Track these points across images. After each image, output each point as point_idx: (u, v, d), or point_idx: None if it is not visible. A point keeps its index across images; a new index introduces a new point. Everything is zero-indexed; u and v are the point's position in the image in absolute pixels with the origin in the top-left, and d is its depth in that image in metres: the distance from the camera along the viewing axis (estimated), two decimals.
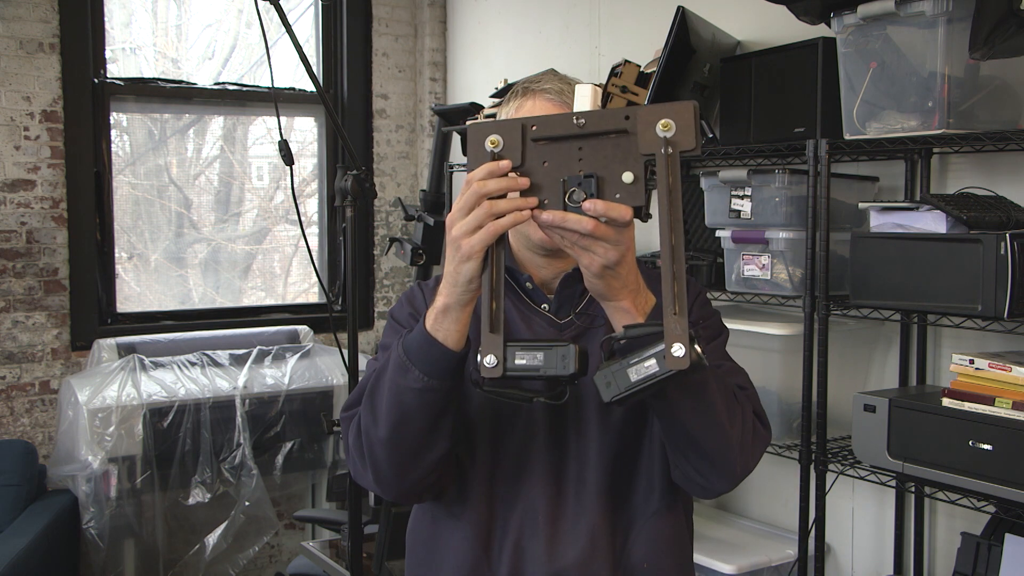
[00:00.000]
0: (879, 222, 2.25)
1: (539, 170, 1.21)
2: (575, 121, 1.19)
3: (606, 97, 2.95)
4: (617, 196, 1.17)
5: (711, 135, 2.80)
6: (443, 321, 1.28)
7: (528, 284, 1.50)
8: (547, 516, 1.41)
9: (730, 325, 1.60)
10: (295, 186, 3.27)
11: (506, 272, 1.50)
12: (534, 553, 1.41)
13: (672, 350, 1.12)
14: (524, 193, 1.21)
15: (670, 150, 1.15)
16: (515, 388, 1.27)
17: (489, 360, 1.20)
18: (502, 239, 1.23)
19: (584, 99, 1.24)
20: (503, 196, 1.21)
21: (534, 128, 1.21)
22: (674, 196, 1.14)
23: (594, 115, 1.19)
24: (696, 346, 1.13)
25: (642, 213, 1.19)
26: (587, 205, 1.17)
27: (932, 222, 2.12)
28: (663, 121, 1.15)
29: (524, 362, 1.20)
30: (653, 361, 1.15)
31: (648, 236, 3.19)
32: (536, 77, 1.54)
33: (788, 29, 2.60)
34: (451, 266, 1.25)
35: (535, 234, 1.45)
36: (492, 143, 1.22)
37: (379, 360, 1.50)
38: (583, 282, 1.48)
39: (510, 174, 1.22)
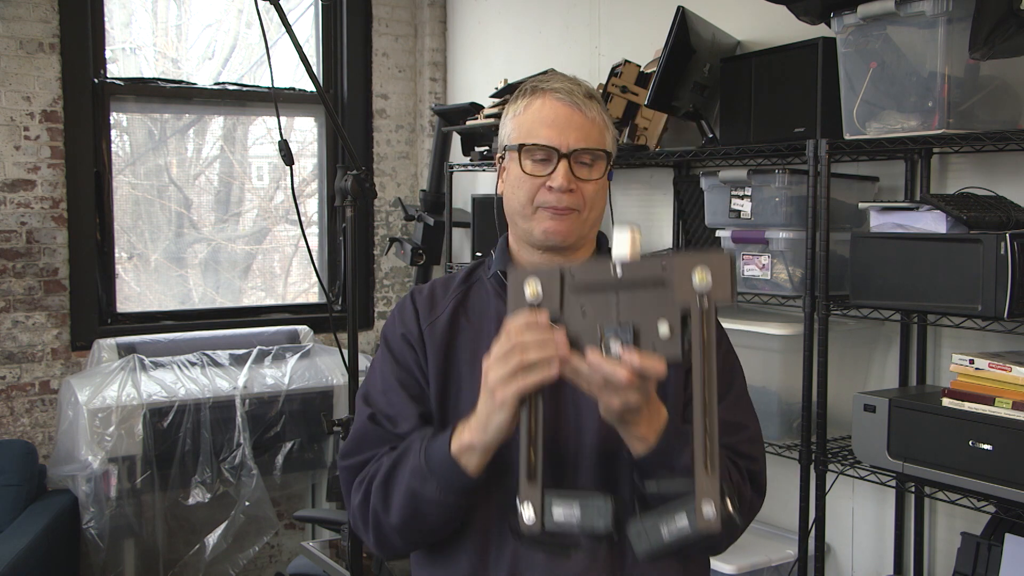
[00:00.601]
0: (879, 222, 2.25)
1: (577, 318, 1.21)
2: (613, 271, 1.19)
3: (606, 97, 2.95)
4: (654, 348, 1.17)
5: (711, 135, 2.80)
6: (468, 454, 1.31)
7: None
8: None
9: (730, 325, 1.60)
10: (295, 186, 3.27)
11: (502, 274, 1.51)
12: (533, 561, 1.40)
13: (704, 512, 1.12)
14: (578, 329, 1.21)
15: (706, 303, 1.14)
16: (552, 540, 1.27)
17: (528, 515, 1.19)
18: (543, 389, 1.23)
19: (622, 245, 1.21)
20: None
21: (573, 276, 1.21)
22: (708, 350, 1.13)
23: (631, 264, 1.19)
24: (728, 501, 1.13)
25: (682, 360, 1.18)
26: (625, 356, 1.16)
27: (932, 222, 2.12)
28: (699, 273, 1.14)
29: (562, 518, 1.20)
30: (686, 522, 1.15)
31: (647, 236, 3.19)
32: (544, 77, 1.52)
33: (788, 29, 2.60)
34: (484, 411, 1.27)
35: (537, 227, 1.45)
36: (532, 293, 1.22)
37: (374, 383, 1.50)
38: None
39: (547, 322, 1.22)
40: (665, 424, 1.31)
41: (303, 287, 4.56)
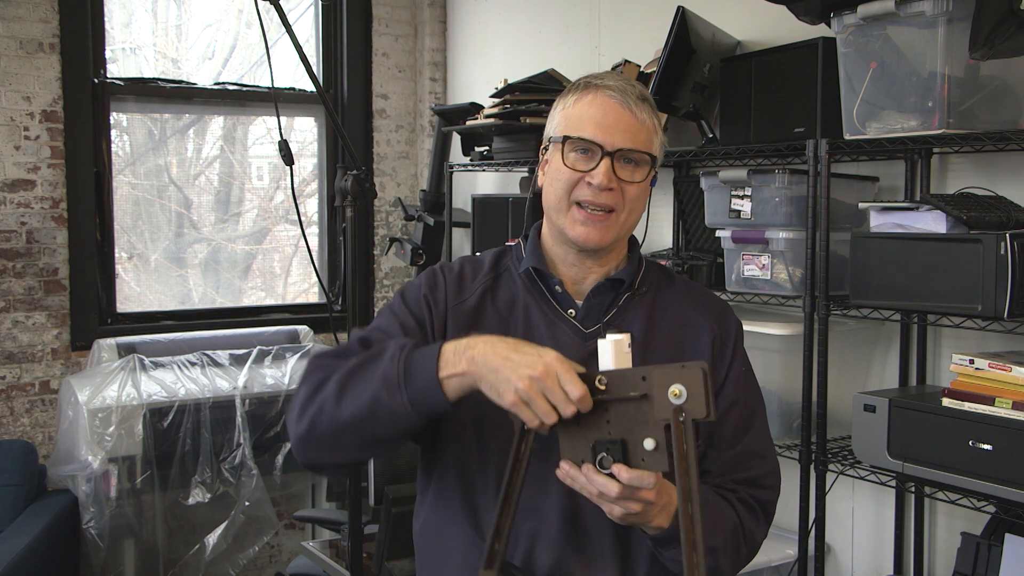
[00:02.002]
0: (879, 222, 2.25)
1: (574, 431, 1.24)
2: (598, 383, 1.22)
3: None
4: (643, 461, 1.21)
5: (711, 135, 2.80)
6: (456, 381, 1.28)
7: (557, 288, 1.49)
8: (562, 529, 1.40)
9: None
10: (295, 186, 3.27)
11: (535, 274, 1.50)
12: (543, 563, 1.40)
13: None
14: (572, 441, 1.25)
15: (682, 417, 1.16)
16: None
17: None
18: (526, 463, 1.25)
19: (606, 356, 1.25)
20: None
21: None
22: (689, 464, 1.15)
23: (615, 377, 1.22)
24: None
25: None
26: (616, 471, 1.22)
27: (932, 222, 2.12)
28: (674, 389, 1.17)
29: None
30: None
31: (650, 235, 3.19)
32: (599, 74, 1.50)
33: (788, 29, 2.60)
34: (490, 364, 1.24)
35: (571, 228, 1.44)
36: None
37: (375, 324, 1.47)
38: (615, 292, 1.48)
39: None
40: (678, 506, 1.33)
41: (303, 287, 4.56)
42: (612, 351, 1.24)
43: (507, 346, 1.25)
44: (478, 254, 1.60)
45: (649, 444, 1.19)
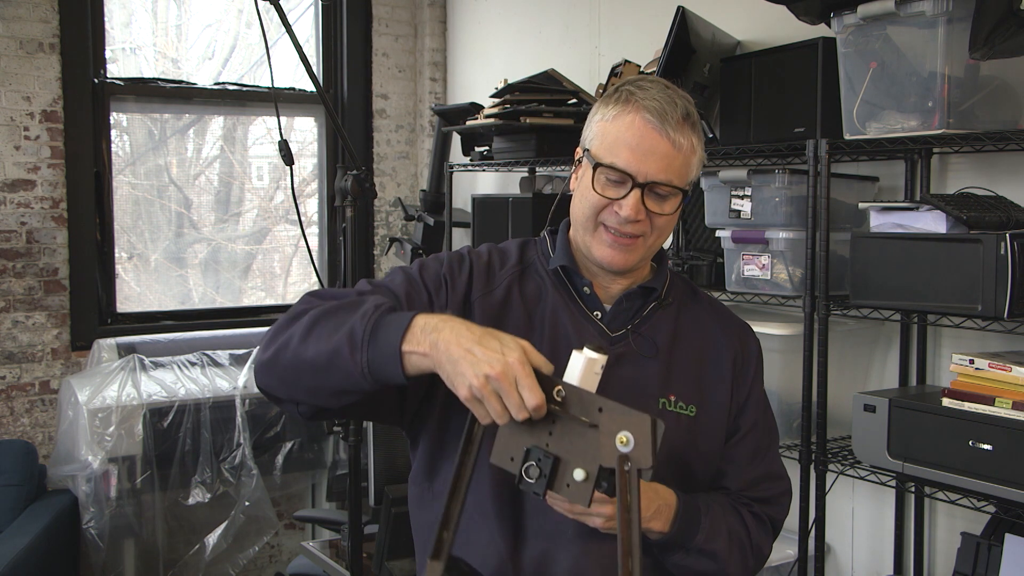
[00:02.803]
0: (879, 222, 2.25)
1: (517, 428, 1.20)
2: (556, 394, 1.17)
3: None
4: (567, 486, 1.17)
5: (711, 135, 2.80)
6: (417, 359, 1.22)
7: (586, 289, 1.48)
8: (578, 529, 1.39)
9: None
10: (295, 186, 3.27)
11: (564, 274, 1.49)
12: (561, 563, 1.40)
13: None
14: (511, 436, 1.20)
15: (628, 466, 1.12)
16: None
17: None
18: (477, 450, 1.21)
19: (574, 370, 1.20)
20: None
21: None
22: (631, 518, 1.10)
23: (574, 395, 1.16)
24: None
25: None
26: (548, 499, 1.24)
27: (932, 222, 2.12)
28: (621, 435, 1.12)
29: None
30: None
31: None
32: (643, 82, 1.43)
33: (788, 29, 2.60)
34: (447, 352, 1.18)
35: (596, 250, 1.43)
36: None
37: (386, 286, 1.44)
38: (644, 299, 1.49)
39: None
40: (676, 511, 1.36)
41: (303, 287, 4.56)
42: (582, 367, 1.19)
43: (472, 337, 1.18)
44: (502, 243, 1.56)
45: (579, 475, 1.15)
